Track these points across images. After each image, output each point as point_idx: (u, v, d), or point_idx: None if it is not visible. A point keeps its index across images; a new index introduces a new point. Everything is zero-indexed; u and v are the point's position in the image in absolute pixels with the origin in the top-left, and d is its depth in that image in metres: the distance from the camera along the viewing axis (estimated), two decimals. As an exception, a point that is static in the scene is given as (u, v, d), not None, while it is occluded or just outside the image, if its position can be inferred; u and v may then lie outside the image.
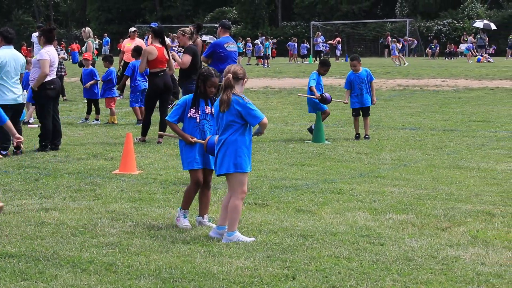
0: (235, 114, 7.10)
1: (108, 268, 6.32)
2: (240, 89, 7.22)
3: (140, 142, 14.17)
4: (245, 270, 6.25)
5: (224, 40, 15.32)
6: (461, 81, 30.77)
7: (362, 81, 14.80)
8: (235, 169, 7.14)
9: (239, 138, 7.14)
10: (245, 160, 7.16)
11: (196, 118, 7.70)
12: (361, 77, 14.84)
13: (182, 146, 7.78)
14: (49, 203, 8.92)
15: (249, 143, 7.23)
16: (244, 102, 7.09)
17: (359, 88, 14.79)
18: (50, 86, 13.10)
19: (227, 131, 7.16)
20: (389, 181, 10.41)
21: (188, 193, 7.89)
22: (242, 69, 7.34)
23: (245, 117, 7.10)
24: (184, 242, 7.15)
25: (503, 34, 62.97)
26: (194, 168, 7.73)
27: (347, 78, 15.12)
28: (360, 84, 14.80)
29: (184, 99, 7.81)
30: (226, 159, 7.15)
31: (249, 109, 7.09)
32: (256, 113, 7.11)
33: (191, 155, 7.69)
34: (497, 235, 7.43)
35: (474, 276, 6.09)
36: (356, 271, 6.22)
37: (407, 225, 7.83)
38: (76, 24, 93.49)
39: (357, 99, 14.80)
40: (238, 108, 7.07)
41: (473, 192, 9.57)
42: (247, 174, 7.25)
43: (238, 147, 7.13)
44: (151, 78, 14.46)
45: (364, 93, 14.78)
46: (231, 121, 7.12)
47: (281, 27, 79.72)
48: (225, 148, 7.16)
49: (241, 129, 7.14)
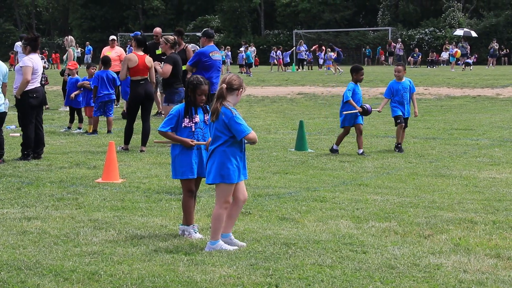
0: (223, 125, 7.05)
1: (91, 277, 6.29)
2: (234, 100, 7.16)
3: (123, 150, 14.14)
4: (228, 279, 6.25)
5: (209, 49, 15.36)
6: (443, 90, 30.96)
7: (405, 91, 14.15)
8: (222, 179, 7.10)
9: (228, 149, 7.09)
10: (232, 170, 7.09)
11: (191, 127, 7.66)
12: (404, 86, 14.16)
13: (176, 155, 7.70)
14: (31, 212, 8.88)
15: (239, 154, 7.15)
16: (231, 115, 7.02)
17: (402, 97, 14.11)
18: (33, 94, 13.00)
19: (216, 141, 7.11)
20: (372, 189, 10.44)
21: (186, 206, 7.77)
22: (239, 79, 7.24)
23: (231, 129, 7.04)
24: (167, 251, 7.14)
25: (484, 43, 63.47)
26: (188, 178, 7.66)
27: (389, 86, 14.33)
28: (404, 94, 14.13)
29: (177, 109, 7.73)
30: (213, 169, 7.11)
31: (235, 122, 7.01)
32: (242, 127, 7.01)
33: (186, 164, 7.63)
34: (479, 242, 7.47)
35: (456, 284, 6.12)
36: (339, 279, 6.23)
37: (389, 233, 7.86)
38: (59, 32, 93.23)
39: (399, 107, 14.10)
40: (225, 120, 7.02)
41: (455, 200, 9.62)
42: (233, 185, 7.17)
43: (226, 158, 7.07)
44: (132, 86, 14.42)
45: (405, 104, 14.15)
46: (219, 132, 7.08)
47: (264, 35, 79.86)
48: (213, 158, 7.13)
49: (230, 140, 7.08)
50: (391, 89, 14.22)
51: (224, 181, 7.11)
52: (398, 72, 14.20)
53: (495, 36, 62.32)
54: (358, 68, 13.93)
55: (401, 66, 14.41)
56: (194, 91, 7.65)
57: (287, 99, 27.68)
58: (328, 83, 35.77)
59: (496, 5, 72.32)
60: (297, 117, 20.28)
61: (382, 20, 76.21)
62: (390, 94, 14.24)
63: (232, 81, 7.15)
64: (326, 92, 30.76)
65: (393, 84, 14.23)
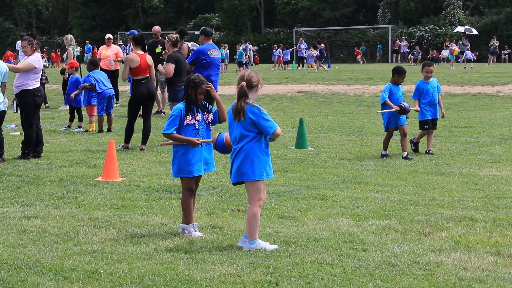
0: (250, 123, 7.00)
1: (90, 276, 6.29)
2: (253, 96, 7.12)
3: (123, 149, 14.14)
4: (228, 277, 6.24)
5: (208, 47, 15.36)
6: (443, 87, 30.82)
7: (434, 90, 13.59)
8: (253, 176, 7.04)
9: (255, 145, 7.04)
10: (263, 167, 7.05)
11: (194, 125, 7.61)
12: (433, 86, 13.61)
13: (180, 154, 7.64)
14: (31, 211, 8.87)
15: (266, 150, 7.13)
16: (259, 112, 6.98)
17: (432, 97, 13.54)
18: (38, 93, 13.05)
19: (243, 140, 7.06)
20: (372, 187, 10.44)
21: (185, 204, 7.73)
22: (257, 75, 7.20)
23: (260, 127, 7.00)
24: (167, 249, 7.13)
25: (485, 40, 63.47)
26: (190, 176, 7.63)
27: (417, 86, 13.70)
28: (433, 94, 13.55)
29: (178, 108, 7.65)
30: (243, 167, 7.05)
31: (263, 119, 6.98)
32: (270, 124, 6.99)
33: (191, 163, 7.58)
34: (479, 240, 7.46)
35: (456, 281, 6.12)
36: (339, 277, 6.23)
37: (389, 231, 7.85)
38: (59, 31, 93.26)
39: (430, 109, 13.57)
40: (253, 118, 6.98)
41: (456, 198, 9.61)
42: (263, 182, 7.14)
43: (255, 154, 7.02)
44: (134, 86, 14.44)
45: (436, 103, 13.61)
46: (245, 130, 7.03)
47: (264, 33, 79.87)
48: (241, 156, 7.06)
49: (257, 137, 7.04)
50: (419, 90, 13.63)
51: (255, 177, 7.04)
52: (430, 72, 13.57)
53: (496, 34, 62.31)
54: (400, 71, 13.21)
55: (433, 66, 13.82)
56: (195, 90, 7.63)
57: (287, 97, 27.68)
58: (329, 81, 35.77)
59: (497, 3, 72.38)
60: (297, 115, 20.28)
61: (382, 18, 76.27)
62: (418, 94, 13.65)
63: (251, 78, 7.11)
64: (326, 90, 30.76)
65: (421, 84, 13.66)
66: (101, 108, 17.22)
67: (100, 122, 17.28)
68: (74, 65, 19.34)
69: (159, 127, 17.93)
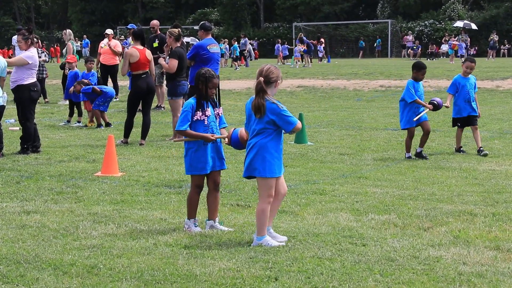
0: (268, 121, 6.96)
1: (90, 271, 6.28)
2: (272, 92, 7.05)
3: (122, 144, 14.13)
4: (227, 272, 6.24)
5: (207, 42, 15.33)
6: (442, 82, 30.90)
7: (472, 88, 13.17)
8: (264, 173, 6.99)
9: (269, 142, 6.98)
10: (275, 164, 7.00)
11: (204, 121, 7.53)
12: (470, 83, 13.19)
13: (193, 150, 7.56)
14: (30, 206, 8.87)
15: (279, 147, 7.08)
16: (279, 110, 6.93)
17: (469, 94, 13.12)
18: (34, 88, 13.03)
19: (259, 135, 7.01)
20: (372, 181, 10.43)
21: (191, 200, 7.68)
22: (276, 70, 7.11)
23: (279, 124, 6.96)
24: (167, 244, 7.13)
25: (484, 35, 63.43)
26: (202, 173, 7.57)
27: (453, 81, 13.29)
28: (470, 91, 13.13)
29: (189, 103, 7.57)
30: (254, 162, 7.01)
31: (283, 116, 6.92)
32: (291, 120, 6.94)
33: (202, 160, 7.52)
34: (478, 235, 7.46)
35: (455, 276, 6.12)
36: (339, 272, 6.23)
37: (389, 226, 7.85)
38: (58, 26, 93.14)
39: (466, 106, 13.16)
40: (273, 117, 6.92)
41: (455, 192, 9.61)
42: (275, 179, 7.09)
43: (268, 151, 6.97)
44: (134, 81, 14.43)
45: (472, 101, 13.16)
46: (263, 126, 6.98)
47: (264, 28, 79.81)
48: (254, 151, 7.01)
49: (273, 133, 6.99)
50: (456, 85, 13.17)
51: (266, 174, 7.00)
52: (471, 69, 13.16)
53: (495, 28, 62.26)
54: (420, 66, 12.77)
55: (474, 62, 13.32)
56: (206, 84, 7.55)
57: (287, 92, 27.66)
58: (328, 75, 35.73)
59: (496, -3, 72.30)
60: (297, 110, 20.26)
61: (381, 12, 76.21)
62: (454, 89, 13.18)
63: (269, 73, 7.03)
64: (326, 85, 30.73)
65: (459, 79, 13.23)
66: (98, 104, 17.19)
67: (97, 117, 17.27)
68: (72, 60, 19.35)
69: (159, 122, 17.94)
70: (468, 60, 13.41)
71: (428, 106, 12.45)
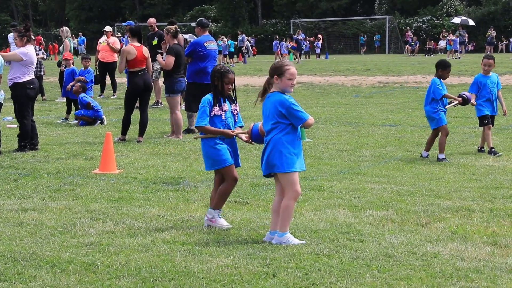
0: (279, 115, 6.94)
1: (87, 268, 6.28)
2: (282, 85, 6.97)
3: (120, 141, 14.12)
4: (225, 269, 6.24)
5: (204, 39, 15.33)
6: (440, 78, 30.89)
7: (493, 86, 12.72)
8: (282, 168, 6.97)
9: (284, 137, 6.96)
10: (292, 158, 6.98)
11: (221, 116, 7.52)
12: (492, 81, 12.73)
13: (209, 147, 7.54)
14: (28, 204, 8.87)
15: (295, 141, 7.04)
16: (288, 104, 6.90)
17: (490, 93, 12.67)
18: (30, 86, 13.00)
19: (273, 131, 7.00)
20: (369, 177, 10.44)
21: (225, 192, 7.64)
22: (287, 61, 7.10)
23: (289, 118, 6.95)
24: (164, 241, 7.13)
25: (482, 31, 63.44)
26: (227, 165, 7.52)
27: (474, 80, 12.83)
28: (492, 89, 12.68)
29: (207, 99, 7.53)
30: (272, 159, 6.99)
31: (292, 109, 6.90)
32: (300, 114, 6.91)
33: (222, 152, 7.50)
34: (476, 230, 7.47)
35: (453, 272, 6.12)
36: (336, 268, 6.23)
37: (387, 222, 7.85)
38: (56, 23, 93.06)
39: (487, 104, 12.69)
40: (282, 110, 6.92)
41: (453, 188, 9.62)
42: (296, 174, 7.05)
43: (284, 146, 6.95)
44: (131, 78, 14.41)
45: (493, 100, 12.74)
46: (276, 122, 6.97)
47: (261, 25, 79.77)
48: (270, 147, 7.00)
49: (287, 128, 6.97)
50: (477, 84, 12.73)
51: (285, 169, 6.97)
52: (489, 66, 12.72)
53: (493, 24, 62.26)
54: (445, 64, 12.32)
55: (492, 59, 12.91)
56: (221, 80, 7.53)
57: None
58: (326, 72, 35.73)
59: (494, -7, 72.30)
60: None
61: (379, 8, 76.20)
62: (476, 89, 12.73)
63: (276, 65, 7.04)
64: (324, 81, 30.73)
65: (480, 78, 12.78)
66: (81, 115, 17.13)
67: None
68: (68, 57, 19.36)
69: (156, 119, 17.93)
70: (486, 57, 13.03)
71: (457, 99, 12.17)
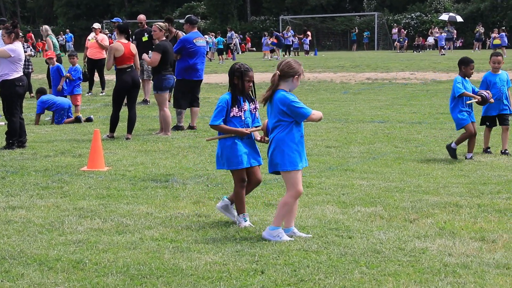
0: (281, 112, 6.93)
1: (75, 266, 6.27)
2: (290, 86, 6.99)
3: (108, 138, 14.09)
4: (213, 266, 6.24)
5: (193, 36, 15.32)
6: (429, 74, 31.00)
7: (503, 84, 12.21)
8: (284, 167, 6.98)
9: (287, 135, 6.96)
10: (295, 157, 6.97)
11: (240, 117, 7.48)
12: (502, 79, 12.23)
13: (226, 146, 7.49)
14: (16, 201, 8.84)
15: (298, 139, 7.03)
16: (289, 100, 6.89)
17: (500, 91, 12.15)
18: (19, 83, 12.95)
19: (276, 129, 7.00)
20: (358, 174, 10.45)
21: (238, 196, 7.58)
22: (296, 64, 7.04)
23: (291, 115, 6.94)
24: (153, 239, 7.12)
25: (470, 27, 63.59)
26: (239, 168, 7.48)
27: (483, 78, 12.37)
28: (501, 87, 12.16)
29: (225, 99, 7.47)
30: (275, 157, 7.01)
31: (293, 106, 6.89)
32: (301, 111, 6.90)
33: (238, 154, 7.45)
34: (464, 226, 7.49)
35: (441, 267, 6.14)
36: (325, 264, 6.24)
37: (375, 218, 7.87)
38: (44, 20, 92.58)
39: (497, 104, 12.13)
40: (283, 108, 6.91)
41: (441, 184, 9.64)
42: (299, 172, 7.04)
43: (286, 144, 6.96)
44: (118, 75, 14.36)
45: (503, 98, 12.19)
46: (277, 120, 6.97)
47: (250, 21, 79.69)
48: (273, 146, 7.02)
49: (289, 126, 6.97)
50: (486, 82, 12.28)
51: (288, 168, 6.97)
52: (498, 63, 12.23)
53: (481, 20, 62.42)
54: (467, 61, 11.89)
55: (500, 56, 12.45)
56: (241, 78, 7.46)
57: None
58: (315, 68, 35.75)
59: (482, -11, 72.43)
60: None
61: (368, 5, 76.24)
62: (485, 87, 12.24)
63: (286, 67, 6.98)
64: (313, 78, 30.74)
65: (489, 76, 12.34)
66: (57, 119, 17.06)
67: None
68: (52, 55, 19.33)
69: (145, 116, 17.90)
70: (494, 54, 12.55)
71: (476, 97, 11.74)
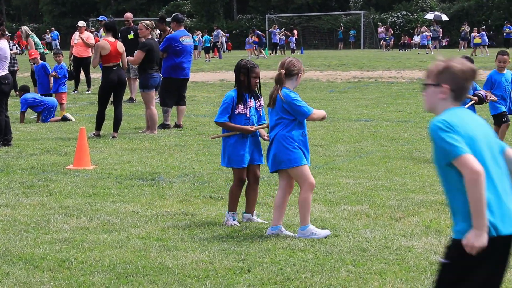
0: (283, 110, 6.93)
1: (61, 264, 6.25)
2: (293, 84, 7.03)
3: (94, 137, 14.04)
4: (200, 264, 6.24)
5: (180, 34, 15.29)
6: (415, 73, 31.07)
7: (508, 83, 12.13)
8: (290, 164, 6.98)
9: (288, 133, 6.95)
10: (299, 153, 6.95)
11: (246, 114, 7.45)
12: (507, 79, 12.13)
13: (229, 144, 7.46)
14: (1, 200, 8.80)
15: (300, 136, 7.01)
16: (291, 98, 6.90)
17: (505, 91, 12.09)
18: (5, 81, 12.88)
19: (277, 127, 7.00)
20: (344, 172, 10.47)
21: (232, 193, 7.59)
22: (298, 63, 7.09)
23: (293, 114, 6.94)
24: (139, 237, 7.11)
25: (456, 26, 63.78)
26: (241, 167, 7.47)
27: (488, 77, 12.24)
28: (507, 87, 12.11)
29: (230, 96, 7.45)
30: (279, 155, 6.99)
31: (294, 104, 6.90)
32: (302, 109, 6.92)
33: (240, 153, 7.42)
34: (449, 224, 7.50)
35: (427, 265, 6.16)
36: (311, 263, 6.25)
37: (361, 216, 7.89)
38: (29, 18, 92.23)
39: (502, 102, 12.07)
40: (285, 105, 6.90)
41: (427, 183, 9.67)
42: (305, 166, 7.03)
43: (288, 142, 6.94)
44: (105, 73, 14.32)
45: (508, 98, 12.16)
46: (279, 118, 6.97)
47: (237, 20, 79.62)
48: (275, 144, 7.00)
49: (291, 124, 6.96)
50: (491, 81, 12.15)
51: (292, 165, 6.97)
52: (504, 62, 12.06)
53: (466, 19, 62.64)
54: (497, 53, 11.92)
55: (507, 55, 12.22)
56: (248, 75, 7.45)
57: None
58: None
59: (467, -12, 72.65)
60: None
61: (354, 3, 76.33)
62: (489, 86, 12.13)
63: (290, 66, 7.02)
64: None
65: (494, 75, 12.20)
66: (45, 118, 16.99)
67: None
68: (35, 55, 19.28)
69: (131, 114, 17.85)
70: (500, 53, 12.33)
71: (473, 98, 11.64)
